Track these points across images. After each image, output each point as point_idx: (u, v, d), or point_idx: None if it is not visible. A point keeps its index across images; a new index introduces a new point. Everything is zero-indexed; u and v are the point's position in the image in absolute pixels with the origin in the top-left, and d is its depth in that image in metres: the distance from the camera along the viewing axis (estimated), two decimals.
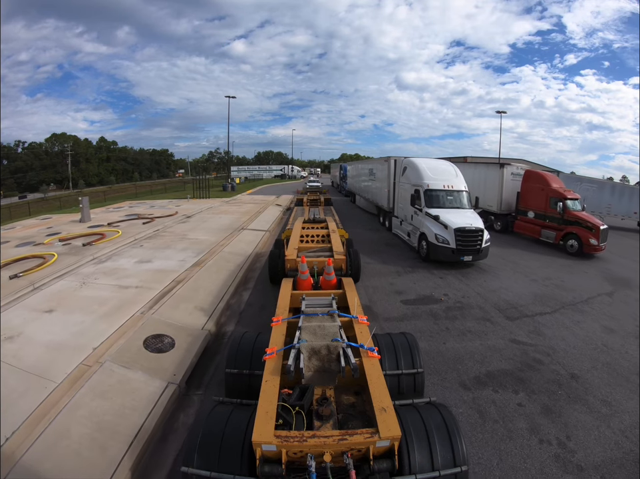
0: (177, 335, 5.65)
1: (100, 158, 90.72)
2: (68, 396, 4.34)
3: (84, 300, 7.24)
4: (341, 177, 33.79)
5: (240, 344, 4.23)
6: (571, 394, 4.84)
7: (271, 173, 73.21)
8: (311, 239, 9.10)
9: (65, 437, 3.77)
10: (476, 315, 7.07)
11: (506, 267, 10.53)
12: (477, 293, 8.27)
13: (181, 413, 4.31)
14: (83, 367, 4.95)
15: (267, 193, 33.83)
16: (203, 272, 8.66)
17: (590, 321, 7.23)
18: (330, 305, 4.83)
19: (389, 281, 8.83)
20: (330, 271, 6.07)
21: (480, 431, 4.07)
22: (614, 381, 5.20)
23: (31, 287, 8.15)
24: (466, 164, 19.31)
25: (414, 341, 4.31)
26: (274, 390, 3.25)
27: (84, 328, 6.00)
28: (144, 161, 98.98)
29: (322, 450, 2.67)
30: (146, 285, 7.96)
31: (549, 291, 8.79)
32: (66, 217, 21.67)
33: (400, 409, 3.17)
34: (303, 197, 20.70)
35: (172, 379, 4.70)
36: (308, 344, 3.72)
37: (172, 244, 11.90)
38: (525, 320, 6.95)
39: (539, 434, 4.10)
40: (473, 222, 10.02)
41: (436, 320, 6.78)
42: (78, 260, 10.31)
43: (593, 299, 8.57)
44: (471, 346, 5.82)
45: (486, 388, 4.79)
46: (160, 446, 3.89)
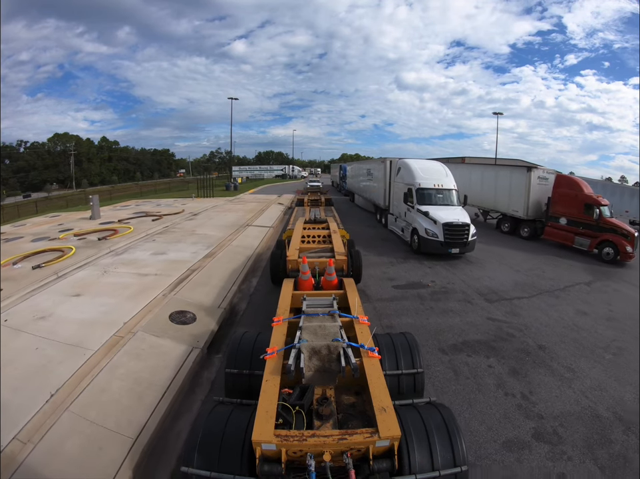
0: (198, 312, 6.52)
1: (102, 157, 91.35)
2: (107, 359, 5.16)
3: (108, 286, 8.04)
4: (341, 177, 34.67)
5: (240, 344, 4.25)
6: (537, 361, 5.66)
7: (272, 173, 74.00)
8: (312, 239, 9.08)
9: (106, 390, 4.56)
10: (459, 297, 7.95)
11: (493, 260, 11.40)
12: (462, 280, 9.15)
13: (204, 371, 5.17)
14: (116, 338, 5.77)
15: (269, 192, 34.72)
16: (215, 262, 9.52)
17: (565, 305, 8.03)
18: (331, 305, 4.85)
19: (383, 270, 9.72)
20: (331, 272, 6.12)
21: (453, 385, 4.92)
22: (579, 353, 5.97)
23: (55, 275, 8.91)
24: (485, 166, 18.91)
25: (414, 341, 4.35)
26: (274, 390, 3.27)
27: (112, 308, 6.80)
28: (145, 161, 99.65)
29: (322, 449, 2.69)
30: (163, 273, 8.80)
31: (529, 279, 9.64)
32: (75, 215, 22.48)
33: (400, 409, 3.18)
34: (304, 197, 20.71)
35: (196, 345, 5.56)
36: (308, 344, 3.74)
37: (183, 239, 12.75)
38: (503, 303, 7.82)
39: (505, 388, 4.93)
40: (460, 218, 10.93)
41: (422, 301, 7.67)
42: (96, 252, 11.11)
43: (570, 287, 9.37)
44: (451, 321, 6.70)
45: (461, 353, 5.65)
46: (189, 396, 4.74)
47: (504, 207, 15.63)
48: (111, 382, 4.70)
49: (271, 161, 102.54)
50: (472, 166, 19.89)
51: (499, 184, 15.90)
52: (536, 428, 4.22)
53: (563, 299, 8.41)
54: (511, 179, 15.20)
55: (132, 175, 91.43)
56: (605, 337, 6.59)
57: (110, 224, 16.79)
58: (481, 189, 17.07)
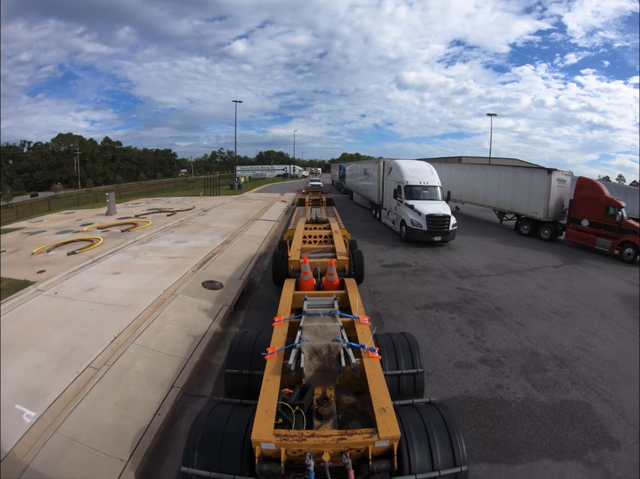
0: (223, 281, 8.16)
1: (105, 157, 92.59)
2: (158, 312, 6.73)
3: (142, 266, 9.60)
4: (340, 176, 36.36)
5: (240, 344, 4.30)
6: (493, 317, 7.23)
7: (274, 172, 75.59)
8: (313, 239, 9.11)
9: (161, 330, 6.14)
10: (435, 274, 9.60)
11: (472, 246, 13.02)
12: (440, 262, 10.80)
13: (233, 320, 6.82)
14: (160, 300, 7.32)
15: (272, 191, 36.40)
16: (232, 247, 11.15)
17: (528, 282, 9.54)
18: (332, 305, 4.89)
19: (374, 254, 11.36)
20: (332, 272, 6.17)
21: (421, 328, 6.52)
22: (531, 314, 7.47)
23: (90, 260, 10.41)
24: (503, 167, 18.61)
25: (414, 341, 4.39)
26: (274, 389, 3.29)
27: (151, 281, 8.36)
28: (147, 161, 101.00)
29: (321, 449, 2.71)
30: (188, 256, 10.40)
31: (501, 262, 11.25)
32: (90, 212, 24.08)
33: (400, 409, 3.20)
34: (305, 197, 20.60)
35: (225, 303, 7.19)
36: (309, 344, 3.76)
37: (199, 230, 14.36)
38: (473, 278, 9.44)
39: (462, 332, 6.52)
40: (442, 210, 12.62)
41: (404, 276, 9.32)
42: (123, 242, 12.66)
43: (539, 269, 10.86)
44: (426, 289, 8.34)
45: (431, 310, 7.30)
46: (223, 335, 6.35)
47: (523, 208, 15.60)
48: (164, 325, 6.30)
49: (272, 161, 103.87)
50: (489, 167, 19.79)
51: (517, 186, 15.82)
52: (482, 356, 5.79)
53: (529, 277, 9.92)
54: (531, 181, 15.18)
55: (135, 175, 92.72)
56: (558, 304, 8.05)
57: (128, 219, 18.40)
58: (498, 191, 17.06)
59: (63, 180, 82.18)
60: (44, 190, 70.44)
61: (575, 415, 4.51)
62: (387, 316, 7.01)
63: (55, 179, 79.35)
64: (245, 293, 8.05)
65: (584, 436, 4.18)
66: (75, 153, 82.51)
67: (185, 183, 54.82)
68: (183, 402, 4.65)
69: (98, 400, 4.38)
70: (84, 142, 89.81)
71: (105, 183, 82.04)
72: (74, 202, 37.50)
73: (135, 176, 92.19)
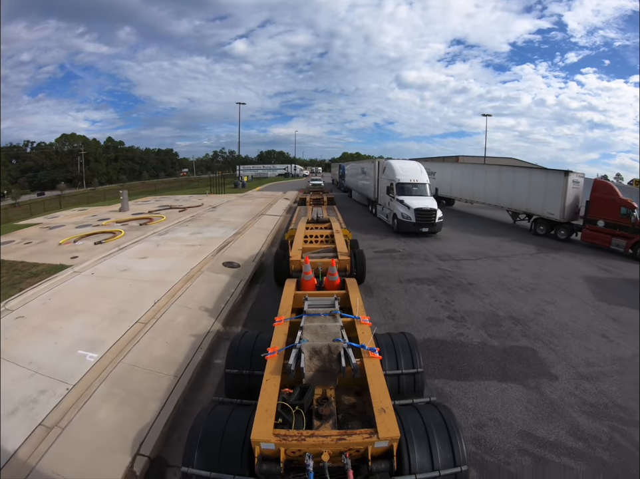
0: (240, 262, 9.72)
1: (108, 157, 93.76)
2: (188, 284, 8.25)
3: (165, 252, 11.09)
4: (340, 175, 37.94)
5: (240, 344, 4.34)
6: (464, 289, 8.73)
7: (275, 172, 77.08)
8: (314, 239, 9.19)
9: (194, 295, 7.65)
10: (420, 258, 11.17)
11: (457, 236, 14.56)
12: (426, 249, 12.35)
13: (250, 291, 8.36)
14: (188, 276, 8.81)
15: (274, 189, 38.00)
16: (244, 237, 12.71)
17: (502, 265, 11.00)
18: (333, 305, 4.92)
19: (368, 243, 12.89)
20: (333, 272, 6.23)
21: (402, 297, 8.06)
22: (499, 288, 8.91)
23: (116, 248, 11.85)
24: (518, 169, 19.21)
25: (413, 341, 4.44)
26: (274, 389, 3.32)
27: (176, 263, 9.84)
28: (149, 161, 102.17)
29: (321, 449, 2.73)
30: (205, 244, 11.92)
31: (479, 249, 12.76)
32: (103, 209, 25.54)
33: (400, 409, 3.24)
34: (306, 196, 20.75)
35: (243, 278, 8.73)
36: (309, 343, 3.79)
37: (211, 224, 15.88)
38: (453, 261, 10.99)
39: (436, 299, 8.05)
40: (429, 204, 14.25)
41: (393, 259, 10.90)
42: (143, 233, 14.15)
43: (515, 255, 12.31)
44: (410, 269, 9.91)
45: (412, 283, 8.86)
46: (243, 301, 7.87)
47: (538, 209, 15.93)
48: (195, 293, 7.83)
49: (273, 160, 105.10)
50: (503, 168, 20.01)
51: (532, 187, 16.18)
52: (449, 314, 7.33)
53: (504, 262, 11.40)
54: (547, 183, 15.58)
55: (138, 175, 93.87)
56: (525, 283, 9.44)
57: (142, 214, 19.91)
58: (513, 191, 17.34)
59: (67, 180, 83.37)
60: (48, 189, 71.83)
61: (522, 356, 5.87)
62: (376, 287, 8.54)
63: (59, 179, 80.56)
64: (257, 273, 9.58)
65: (527, 369, 5.49)
66: (79, 153, 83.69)
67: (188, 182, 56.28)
68: (217, 343, 6.18)
69: (151, 340, 5.84)
70: (88, 141, 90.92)
71: (108, 183, 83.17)
72: (80, 201, 38.98)
73: (138, 176, 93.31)
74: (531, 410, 4.62)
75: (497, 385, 5.13)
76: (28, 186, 75.68)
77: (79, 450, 3.76)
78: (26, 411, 4.20)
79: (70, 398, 4.44)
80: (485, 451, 3.96)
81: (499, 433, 4.23)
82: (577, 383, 5.22)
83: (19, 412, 4.19)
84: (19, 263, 10.42)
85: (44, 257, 10.97)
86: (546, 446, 4.05)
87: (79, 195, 49.91)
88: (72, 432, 3.95)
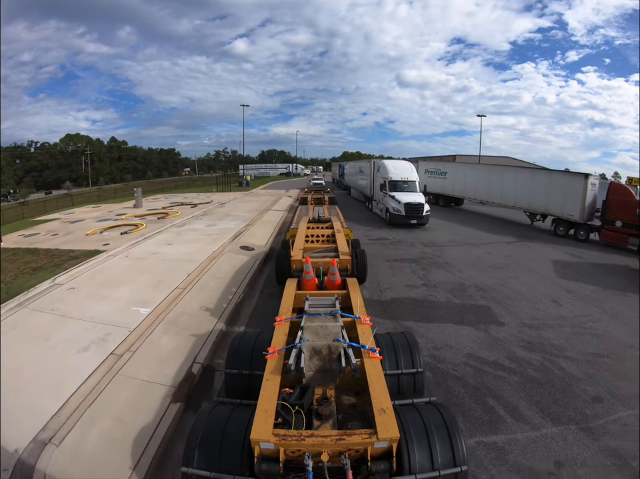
0: (254, 246, 11.55)
1: (112, 157, 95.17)
2: (213, 263, 10.02)
3: (188, 240, 12.85)
4: (340, 174, 39.84)
5: (240, 345, 4.37)
6: (440, 267, 10.49)
7: (277, 171, 79.02)
8: (316, 239, 9.26)
9: (220, 270, 9.41)
10: (407, 244, 13.00)
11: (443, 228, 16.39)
12: (413, 237, 14.17)
13: (264, 267, 10.17)
14: (211, 257, 10.59)
15: (277, 187, 39.96)
16: (254, 228, 14.54)
17: (478, 250, 12.73)
18: (334, 305, 4.94)
19: (363, 233, 14.71)
20: (334, 272, 6.26)
21: (387, 271, 9.86)
22: (471, 267, 10.61)
23: (142, 237, 13.59)
24: (536, 171, 19.95)
25: (413, 341, 4.47)
26: (274, 389, 3.34)
27: (199, 248, 11.60)
28: (152, 160, 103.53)
29: (320, 449, 2.76)
30: (222, 233, 13.71)
31: (461, 238, 14.56)
32: (117, 205, 27.27)
33: (400, 409, 3.26)
34: (307, 196, 20.99)
35: (257, 258, 10.55)
36: (309, 343, 3.80)
37: (223, 218, 17.69)
38: (435, 247, 12.78)
39: (415, 273, 9.83)
40: (417, 199, 16.15)
41: (383, 245, 12.74)
42: (162, 226, 15.89)
43: (493, 243, 14.02)
44: (397, 252, 11.74)
45: (396, 262, 10.69)
46: (260, 274, 9.66)
47: (558, 210, 16.34)
48: (220, 268, 9.59)
49: (274, 159, 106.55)
50: (521, 170, 20.71)
51: (552, 189, 16.63)
52: (424, 283, 9.12)
53: (480, 248, 13.11)
54: (567, 185, 16.02)
55: (141, 174, 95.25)
56: (496, 263, 11.13)
57: (157, 210, 21.68)
58: (531, 193, 17.71)
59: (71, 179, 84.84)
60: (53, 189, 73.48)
61: (477, 311, 7.57)
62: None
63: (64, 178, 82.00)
64: (268, 255, 11.39)
65: (479, 318, 7.15)
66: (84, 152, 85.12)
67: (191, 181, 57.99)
68: (244, 300, 8.03)
69: (191, 299, 7.60)
70: (91, 141, 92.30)
71: (112, 182, 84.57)
72: (88, 199, 40.49)
73: (141, 175, 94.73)
74: (477, 342, 6.29)
75: (453, 326, 6.89)
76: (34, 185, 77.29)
77: (149, 363, 5.34)
78: (96, 347, 5.53)
79: (133, 336, 5.97)
80: (437, 362, 5.69)
81: (450, 353, 5.94)
82: (521, 329, 6.81)
83: (90, 349, 5.50)
84: (54, 250, 12.08)
85: (76, 245, 12.61)
86: (486, 363, 5.67)
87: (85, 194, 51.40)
88: (142, 353, 5.58)
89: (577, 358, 5.87)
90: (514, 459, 3.90)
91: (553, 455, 3.98)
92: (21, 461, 3.60)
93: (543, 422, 4.47)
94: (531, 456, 3.96)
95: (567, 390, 5.08)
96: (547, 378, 5.31)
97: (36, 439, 3.83)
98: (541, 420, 4.49)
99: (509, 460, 3.90)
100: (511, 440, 4.18)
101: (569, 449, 4.07)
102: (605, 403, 4.87)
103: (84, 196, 47.48)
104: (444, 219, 19.21)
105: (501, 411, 4.64)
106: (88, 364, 5.18)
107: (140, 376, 5.07)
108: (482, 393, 4.99)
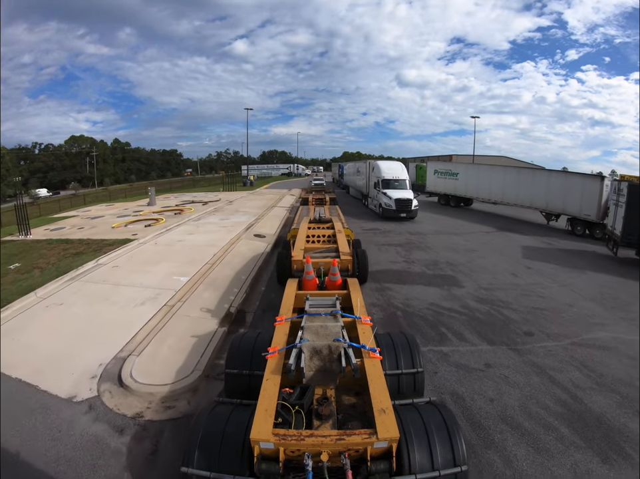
0: (266, 234, 13.61)
1: (116, 158, 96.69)
2: (233, 247, 12.07)
3: (206, 231, 14.88)
4: (340, 174, 42.00)
5: (240, 345, 4.41)
6: (421, 249, 12.58)
7: (279, 171, 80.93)
8: (317, 239, 9.34)
9: (240, 251, 11.51)
10: (396, 233, 15.14)
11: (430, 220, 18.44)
12: (402, 228, 16.29)
13: (275, 250, 12.15)
14: (230, 243, 12.65)
15: (280, 187, 42.06)
16: (263, 221, 16.63)
17: (458, 238, 14.73)
18: (334, 305, 4.96)
19: (359, 225, 16.83)
20: (335, 272, 6.29)
21: (376, 252, 11.93)
22: (447, 250, 12.65)
23: (164, 229, 15.57)
24: (553, 172, 20.30)
25: (413, 341, 4.52)
26: (274, 389, 3.36)
27: (218, 237, 13.64)
28: (155, 161, 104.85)
29: (320, 449, 2.77)
30: (235, 225, 15.74)
31: (446, 229, 16.58)
32: (131, 204, 29.11)
33: (400, 409, 3.26)
34: (308, 196, 21.69)
35: (269, 243, 12.65)
36: (309, 343, 3.83)
37: (234, 213, 19.72)
38: (420, 235, 14.88)
39: (398, 254, 11.94)
40: (406, 195, 18.33)
41: (375, 234, 14.89)
42: (180, 220, 17.83)
43: (473, 233, 16.06)
44: (386, 239, 13.88)
45: (384, 246, 12.81)
46: (272, 255, 11.62)
47: (575, 211, 16.78)
48: (240, 251, 11.67)
49: (275, 160, 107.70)
50: (537, 171, 21.80)
51: (569, 190, 17.14)
52: (404, 260, 11.25)
53: (460, 236, 15.14)
54: (584, 186, 16.51)
55: (145, 175, 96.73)
56: (470, 248, 13.11)
57: (171, 207, 23.56)
58: (547, 194, 18.29)
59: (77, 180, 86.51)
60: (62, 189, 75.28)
61: (444, 277, 9.65)
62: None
63: (69, 179, 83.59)
64: (277, 242, 13.42)
65: (445, 281, 9.28)
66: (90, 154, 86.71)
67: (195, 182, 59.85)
68: (262, 269, 10.15)
69: (220, 270, 9.65)
70: (95, 143, 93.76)
71: (117, 183, 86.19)
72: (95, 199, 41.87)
73: (144, 176, 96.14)
74: (439, 296, 8.36)
75: (422, 287, 8.99)
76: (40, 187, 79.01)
77: (198, 307, 7.41)
78: (151, 302, 7.44)
79: (180, 293, 8.03)
80: (406, 307, 7.78)
81: (417, 302, 8.03)
82: (477, 290, 8.81)
83: (146, 304, 7.34)
84: (86, 240, 13.73)
85: (106, 235, 14.32)
86: (443, 309, 7.70)
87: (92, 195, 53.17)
88: (191, 302, 7.62)
89: (519, 309, 7.63)
90: (454, 360, 5.83)
91: (483, 360, 5.78)
92: (107, 369, 5.36)
93: (480, 342, 6.37)
94: (467, 360, 5.83)
95: (504, 328, 6.81)
96: (490, 320, 7.24)
97: (117, 357, 5.54)
98: (479, 342, 6.39)
99: (450, 361, 5.83)
100: (454, 350, 6.11)
101: (498, 359, 5.74)
102: (535, 337, 6.41)
103: (92, 196, 49.15)
104: (436, 213, 21.21)
105: (449, 334, 6.66)
106: (147, 312, 7.13)
107: (192, 314, 7.14)
108: (437, 325, 7.05)
